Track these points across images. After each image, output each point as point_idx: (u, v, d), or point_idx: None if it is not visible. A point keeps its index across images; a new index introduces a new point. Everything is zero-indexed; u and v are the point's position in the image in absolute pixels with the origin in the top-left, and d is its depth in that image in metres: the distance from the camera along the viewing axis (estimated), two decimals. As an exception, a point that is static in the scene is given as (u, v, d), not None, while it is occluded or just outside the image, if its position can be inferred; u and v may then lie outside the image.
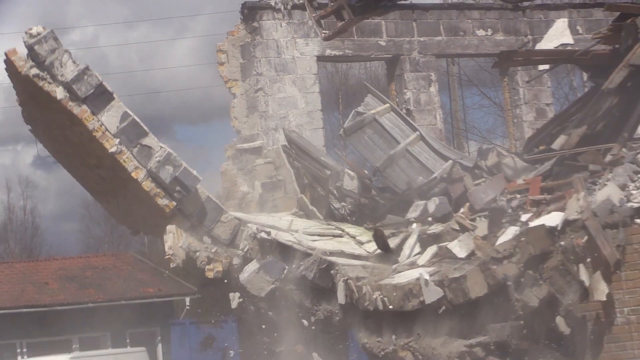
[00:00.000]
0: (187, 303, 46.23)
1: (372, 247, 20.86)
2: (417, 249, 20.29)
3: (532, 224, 18.66)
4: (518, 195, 20.18)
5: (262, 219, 22.60)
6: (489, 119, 61.17)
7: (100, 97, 19.56)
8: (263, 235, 20.62)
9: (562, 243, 18.22)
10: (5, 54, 20.13)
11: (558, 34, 27.46)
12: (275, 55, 25.83)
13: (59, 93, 19.42)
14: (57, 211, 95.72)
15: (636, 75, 19.98)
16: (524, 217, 19.25)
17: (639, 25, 20.49)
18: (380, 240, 20.38)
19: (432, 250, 19.83)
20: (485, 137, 44.14)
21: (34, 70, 19.50)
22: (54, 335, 40.21)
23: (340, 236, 21.66)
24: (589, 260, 17.79)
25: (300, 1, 24.71)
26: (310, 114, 26.09)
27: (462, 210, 20.77)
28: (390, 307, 18.81)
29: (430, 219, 21.09)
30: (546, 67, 27.38)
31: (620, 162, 18.82)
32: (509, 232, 18.77)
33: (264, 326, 21.02)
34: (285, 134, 25.17)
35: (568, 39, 27.25)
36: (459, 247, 19.24)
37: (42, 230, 78.45)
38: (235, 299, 21.32)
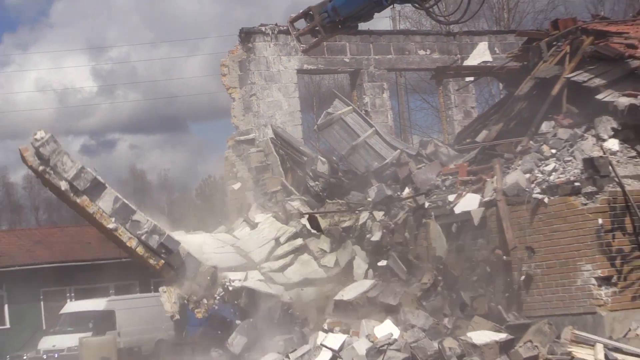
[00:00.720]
0: (198, 259, 46.28)
1: (331, 259, 20.66)
2: (365, 265, 20.13)
3: (456, 211, 18.83)
4: (450, 177, 20.15)
5: (241, 237, 22.44)
6: (428, 118, 60.94)
7: (96, 188, 19.95)
8: (235, 284, 20.45)
9: (480, 260, 18.29)
10: (19, 150, 20.34)
11: (480, 54, 27.49)
12: (265, 69, 25.71)
13: (63, 186, 19.91)
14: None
15: (540, 86, 19.93)
16: (451, 197, 19.29)
17: (542, 47, 20.44)
18: (314, 223, 20.51)
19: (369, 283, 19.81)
20: (425, 132, 44.03)
21: (42, 167, 19.87)
22: (96, 283, 40.01)
23: (305, 246, 21.42)
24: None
25: (285, 27, 24.60)
26: (292, 114, 26.00)
27: (406, 190, 20.76)
28: None
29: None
30: (471, 79, 27.46)
31: (528, 152, 18.76)
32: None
33: None
34: (273, 129, 25.15)
35: (488, 57, 27.28)
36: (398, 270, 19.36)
37: (86, 203, 78.29)
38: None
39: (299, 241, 21.43)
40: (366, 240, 20.48)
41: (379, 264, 19.78)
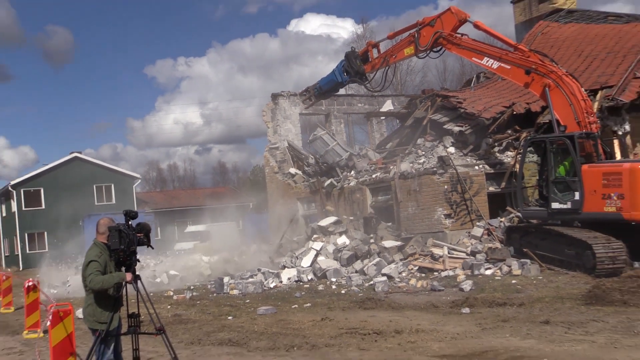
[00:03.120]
0: (251, 206, 45.93)
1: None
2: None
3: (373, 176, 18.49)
4: (374, 165, 19.94)
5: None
6: (362, 137, 60.68)
7: None
8: None
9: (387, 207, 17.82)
10: None
11: (387, 106, 27.28)
12: (284, 112, 25.48)
13: None
14: (202, 170, 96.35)
15: (416, 121, 19.79)
16: (374, 175, 19.09)
17: (417, 103, 20.34)
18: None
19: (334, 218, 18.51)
20: (362, 143, 43.33)
21: None
22: (200, 216, 39.62)
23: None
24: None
25: (294, 93, 24.50)
26: (296, 134, 25.80)
27: (352, 172, 20.49)
28: None
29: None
30: (383, 118, 27.21)
31: (411, 153, 18.65)
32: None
33: None
34: (288, 142, 24.89)
35: (392, 107, 27.04)
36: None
37: (196, 179, 78.21)
38: None
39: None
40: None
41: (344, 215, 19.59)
